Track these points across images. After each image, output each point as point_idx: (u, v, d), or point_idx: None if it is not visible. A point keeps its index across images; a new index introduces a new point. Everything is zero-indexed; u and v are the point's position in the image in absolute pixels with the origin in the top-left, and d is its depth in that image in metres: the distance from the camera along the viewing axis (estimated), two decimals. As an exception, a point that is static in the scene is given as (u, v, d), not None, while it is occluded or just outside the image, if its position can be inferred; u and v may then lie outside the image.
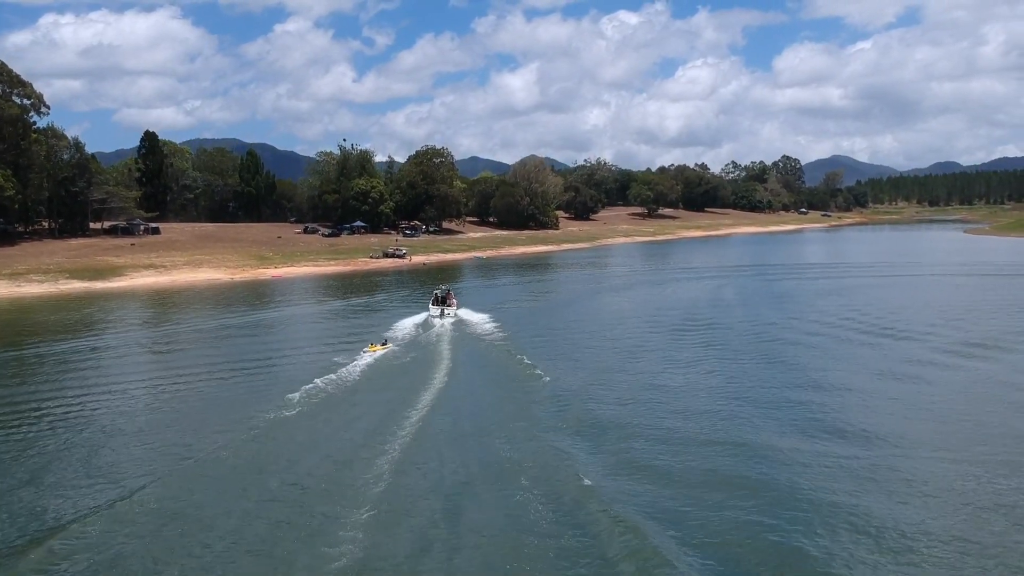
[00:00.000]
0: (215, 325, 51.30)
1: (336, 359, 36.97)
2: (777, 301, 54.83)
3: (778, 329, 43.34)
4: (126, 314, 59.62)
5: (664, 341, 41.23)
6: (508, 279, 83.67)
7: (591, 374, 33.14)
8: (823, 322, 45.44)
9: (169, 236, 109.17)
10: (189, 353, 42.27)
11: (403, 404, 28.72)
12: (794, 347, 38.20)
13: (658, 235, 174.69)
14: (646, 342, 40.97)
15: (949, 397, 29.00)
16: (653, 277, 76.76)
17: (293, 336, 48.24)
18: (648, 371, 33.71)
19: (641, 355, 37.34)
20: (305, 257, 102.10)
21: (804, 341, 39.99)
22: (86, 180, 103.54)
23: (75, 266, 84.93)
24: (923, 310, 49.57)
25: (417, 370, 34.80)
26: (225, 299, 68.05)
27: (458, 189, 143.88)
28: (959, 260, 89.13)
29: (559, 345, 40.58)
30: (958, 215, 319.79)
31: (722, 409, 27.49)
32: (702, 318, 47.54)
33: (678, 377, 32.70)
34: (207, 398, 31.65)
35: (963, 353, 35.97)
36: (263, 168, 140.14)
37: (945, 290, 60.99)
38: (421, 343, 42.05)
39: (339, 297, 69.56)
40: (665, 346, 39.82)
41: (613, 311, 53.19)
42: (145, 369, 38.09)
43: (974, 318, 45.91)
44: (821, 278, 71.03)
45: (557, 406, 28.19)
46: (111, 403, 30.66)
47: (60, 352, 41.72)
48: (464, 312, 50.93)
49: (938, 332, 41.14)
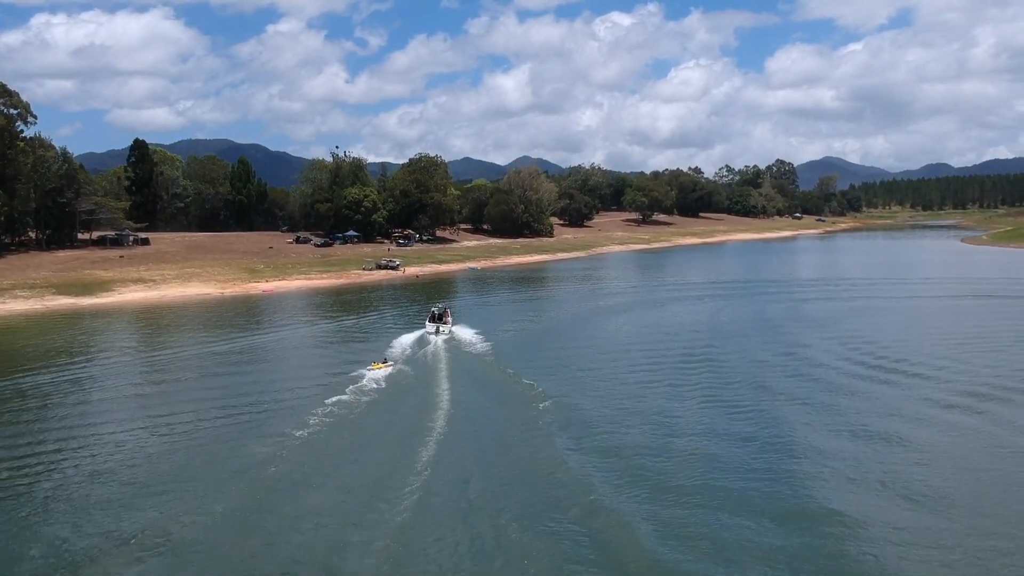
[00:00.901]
0: (206, 352, 49.77)
1: (333, 392, 36.44)
2: (775, 330, 52.42)
3: (779, 366, 41.11)
4: (112, 337, 58.07)
5: (666, 377, 39.80)
6: (503, 295, 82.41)
7: (600, 426, 31.52)
8: (825, 360, 42.54)
9: (159, 247, 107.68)
10: (181, 387, 40.74)
11: (413, 431, 30.98)
12: (797, 389, 36.29)
13: (653, 243, 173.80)
14: (651, 379, 39.52)
15: (969, 452, 27.59)
16: (650, 296, 75.30)
17: (288, 364, 46.95)
18: (661, 422, 32.25)
19: (648, 397, 35.77)
20: (297, 269, 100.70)
21: (806, 381, 37.88)
22: (74, 190, 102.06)
23: (62, 280, 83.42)
24: (929, 342, 47.52)
25: (421, 392, 37.13)
26: (215, 318, 66.62)
27: (452, 197, 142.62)
28: (959, 275, 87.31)
29: (561, 380, 39.33)
30: (951, 219, 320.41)
31: (734, 462, 26.40)
32: (702, 351, 45.67)
33: (684, 422, 31.56)
34: (203, 439, 30.65)
35: (980, 395, 34.05)
36: (254, 176, 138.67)
37: (951, 317, 58.71)
38: (420, 363, 43.99)
39: (332, 316, 68.16)
40: (667, 384, 38.48)
41: (613, 340, 51.75)
42: (133, 406, 36.68)
43: (985, 353, 43.79)
44: (819, 299, 68.93)
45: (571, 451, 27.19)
46: (97, 451, 29.30)
47: (41, 386, 40.22)
48: (460, 330, 52.15)
49: (950, 370, 39.36)
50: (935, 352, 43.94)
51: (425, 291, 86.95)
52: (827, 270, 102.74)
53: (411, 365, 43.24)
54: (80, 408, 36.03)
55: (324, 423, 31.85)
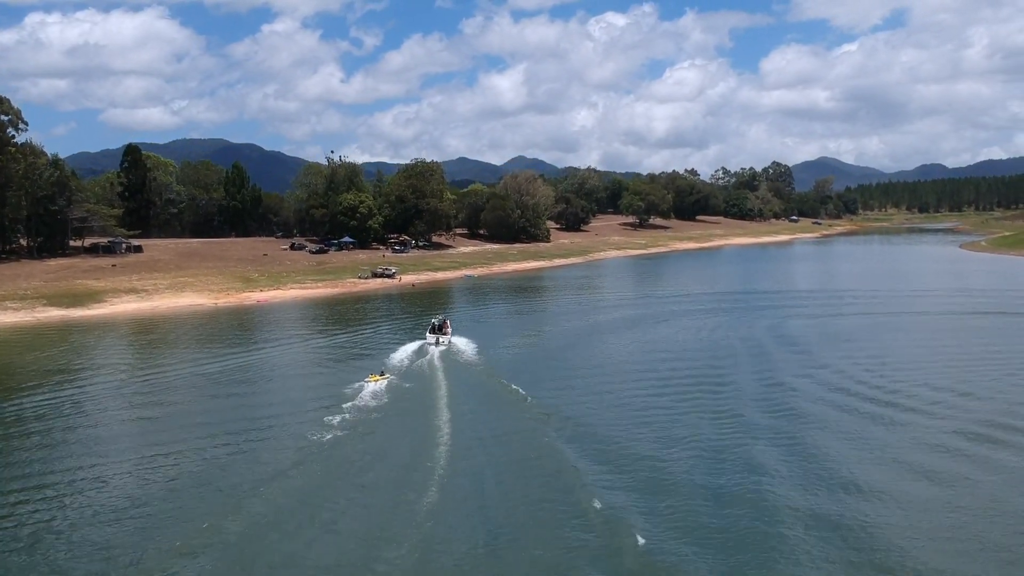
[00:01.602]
0: (199, 373, 48.53)
1: (331, 412, 36.60)
2: (777, 352, 50.24)
3: (783, 395, 39.45)
4: (102, 355, 56.86)
5: (669, 403, 38.81)
6: (501, 307, 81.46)
7: (612, 456, 30.77)
8: (830, 390, 40.47)
9: (151, 255, 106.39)
10: (174, 412, 39.57)
11: (416, 450, 31.88)
12: (801, 422, 34.86)
13: (650, 248, 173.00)
14: (654, 403, 38.62)
15: (993, 494, 26.52)
16: (648, 310, 73.87)
17: (283, 385, 45.96)
18: (662, 450, 31.50)
19: (652, 424, 34.86)
20: (291, 278, 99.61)
21: (811, 413, 36.17)
22: (66, 198, 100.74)
23: (53, 291, 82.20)
24: (939, 366, 45.62)
25: (423, 410, 37.89)
26: (208, 333, 65.56)
27: (448, 203, 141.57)
28: (960, 287, 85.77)
29: (567, 402, 38.65)
30: (948, 222, 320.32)
31: (738, 505, 25.56)
32: (704, 374, 44.11)
33: (684, 448, 30.84)
34: (200, 467, 30.10)
35: (995, 437, 32.21)
36: (249, 181, 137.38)
37: (958, 337, 56.39)
38: (420, 376, 45.43)
39: (326, 330, 67.07)
40: (669, 410, 37.56)
41: (614, 361, 50.40)
42: (125, 435, 35.80)
43: (998, 379, 42.06)
44: (820, 315, 67.06)
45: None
46: (85, 486, 28.31)
47: (27, 411, 39.14)
48: (460, 345, 53.52)
49: (963, 399, 37.77)
50: (946, 379, 42.30)
51: (421, 301, 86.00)
52: (826, 280, 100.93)
53: (412, 378, 44.59)
54: (68, 436, 34.89)
55: (323, 445, 32.35)
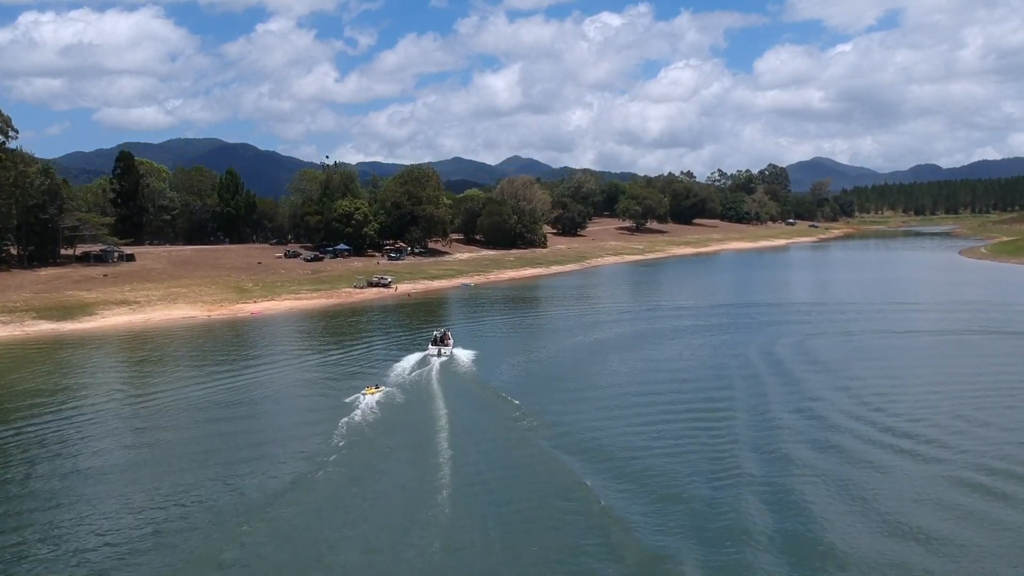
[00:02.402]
0: (190, 394, 47.16)
1: (328, 435, 36.59)
2: (779, 378, 47.93)
3: (786, 428, 37.44)
4: (91, 375, 55.36)
5: (671, 431, 37.75)
6: (498, 321, 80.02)
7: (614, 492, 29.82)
8: (836, 422, 38.39)
9: (144, 263, 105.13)
10: (164, 440, 38.26)
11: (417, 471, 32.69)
12: (802, 461, 32.79)
13: (647, 253, 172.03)
14: (657, 430, 37.62)
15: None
16: (646, 325, 71.44)
17: (277, 406, 44.88)
18: (665, 483, 30.50)
19: (655, 454, 34.00)
20: (286, 288, 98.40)
21: (815, 449, 34.24)
22: (57, 206, 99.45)
23: (43, 303, 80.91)
24: (950, 396, 43.00)
25: (424, 424, 36.72)
26: (202, 348, 64.30)
27: (444, 209, 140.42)
28: (963, 299, 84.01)
29: (573, 430, 37.72)
30: (945, 225, 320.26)
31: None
32: (699, 404, 42.38)
33: (689, 479, 29.72)
34: (197, 502, 29.08)
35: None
36: (243, 187, 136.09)
37: (966, 360, 53.24)
38: (421, 389, 46.74)
39: (321, 346, 65.70)
40: (670, 439, 36.47)
41: (613, 382, 49.01)
42: (114, 466, 34.35)
43: (1013, 410, 40.21)
44: (822, 333, 64.50)
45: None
46: (67, 526, 27.12)
47: (9, 441, 37.68)
48: (459, 359, 54.85)
49: (978, 437, 35.65)
50: (960, 409, 40.07)
51: (417, 314, 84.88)
52: (827, 292, 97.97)
53: (413, 390, 46.14)
54: (54, 468, 33.61)
55: (322, 463, 33.18)
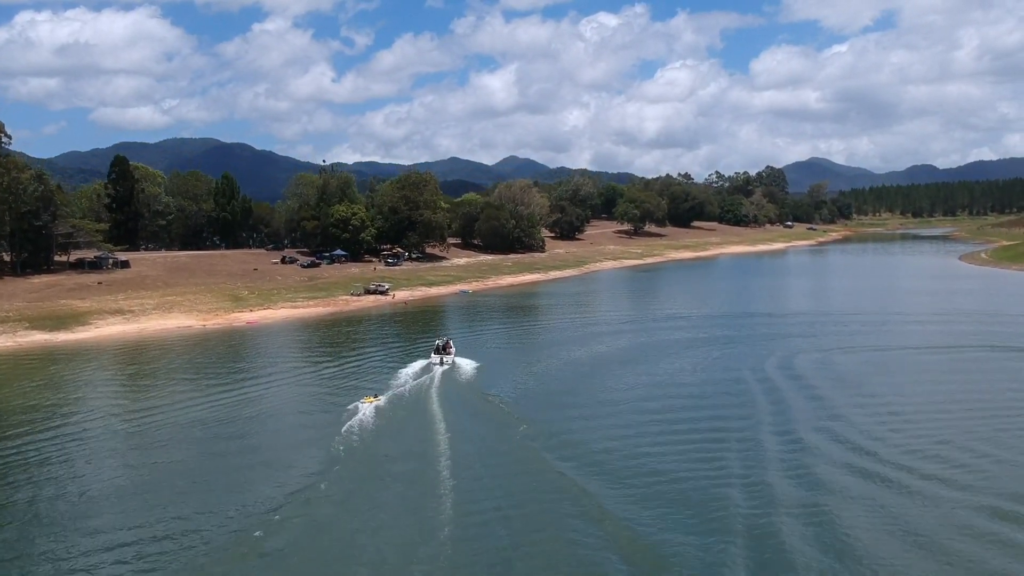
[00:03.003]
0: (185, 410, 46.23)
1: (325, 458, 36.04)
2: (784, 401, 46.06)
3: (796, 458, 36.03)
4: (83, 390, 54.30)
5: (677, 454, 37.20)
6: (496, 331, 79.24)
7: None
8: (845, 452, 36.82)
9: (139, 270, 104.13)
10: (158, 463, 37.33)
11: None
12: (810, 497, 31.42)
13: (646, 257, 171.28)
14: (663, 452, 36.97)
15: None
16: (646, 337, 69.08)
17: (274, 424, 44.23)
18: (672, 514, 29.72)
19: (663, 482, 33.29)
20: (282, 295, 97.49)
21: (824, 485, 32.64)
22: (51, 213, 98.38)
23: (36, 313, 79.95)
24: (961, 422, 41.22)
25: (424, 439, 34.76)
26: (197, 361, 63.37)
27: (442, 214, 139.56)
28: (968, 309, 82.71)
29: (575, 450, 37.06)
30: (943, 227, 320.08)
31: None
32: (707, 420, 42.18)
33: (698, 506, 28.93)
34: (190, 527, 27.55)
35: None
36: (239, 192, 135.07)
37: (976, 380, 50.86)
38: (421, 400, 47.98)
39: (319, 357, 64.69)
40: (676, 463, 35.85)
41: (613, 399, 48.31)
42: (107, 491, 33.45)
43: None
44: (826, 349, 62.11)
45: None
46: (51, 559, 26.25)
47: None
48: (460, 362, 57.17)
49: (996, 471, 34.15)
50: (975, 438, 38.30)
51: (415, 323, 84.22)
52: (828, 302, 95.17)
53: (415, 398, 47.84)
54: (37, 493, 32.79)
55: (321, 478, 33.88)
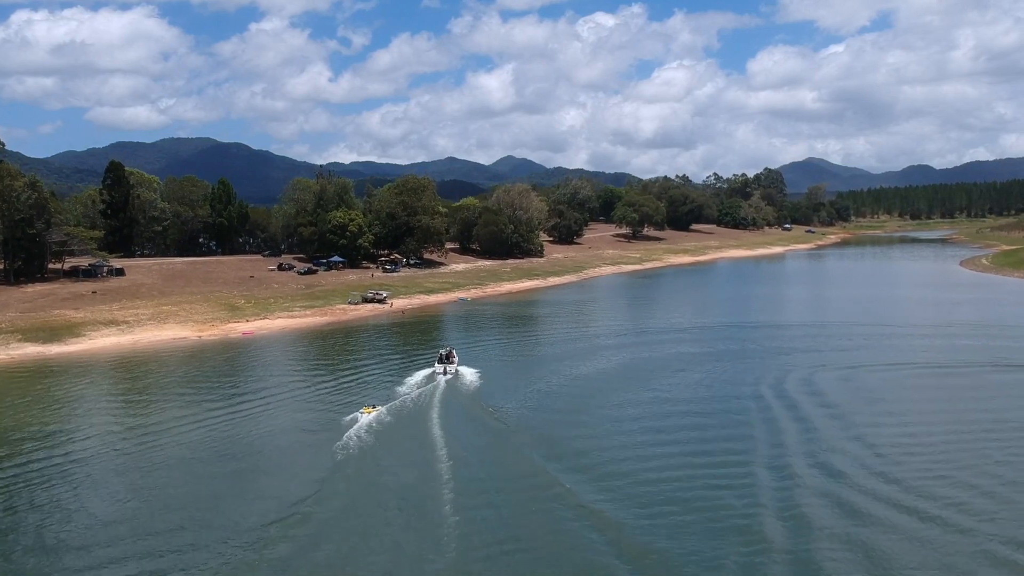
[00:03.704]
0: (179, 437, 45.05)
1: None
2: (789, 425, 44.59)
3: (806, 487, 35.31)
4: (75, 408, 53.36)
5: (682, 483, 36.39)
6: (496, 342, 78.25)
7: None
8: (853, 487, 35.16)
9: (134, 278, 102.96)
10: (150, 494, 36.32)
11: None
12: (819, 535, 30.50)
13: (645, 262, 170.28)
14: (669, 478, 36.10)
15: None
16: (648, 352, 67.76)
17: (272, 449, 43.08)
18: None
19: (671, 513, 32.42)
20: (279, 304, 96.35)
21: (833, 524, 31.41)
22: (44, 220, 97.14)
23: (29, 324, 78.84)
24: (968, 451, 39.80)
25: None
26: (192, 376, 62.45)
27: (440, 219, 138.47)
28: (973, 320, 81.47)
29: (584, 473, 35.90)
30: (941, 230, 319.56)
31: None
32: (711, 442, 41.89)
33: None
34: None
35: None
36: (235, 197, 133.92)
37: (987, 404, 48.86)
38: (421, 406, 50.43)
39: (315, 373, 63.58)
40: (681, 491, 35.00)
41: (618, 419, 47.66)
42: (99, 517, 32.49)
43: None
44: (827, 365, 60.29)
45: None
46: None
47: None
48: (464, 371, 59.20)
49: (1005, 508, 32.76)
50: (984, 467, 37.42)
51: (413, 333, 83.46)
52: (830, 312, 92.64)
53: (418, 406, 49.78)
54: (19, 522, 31.76)
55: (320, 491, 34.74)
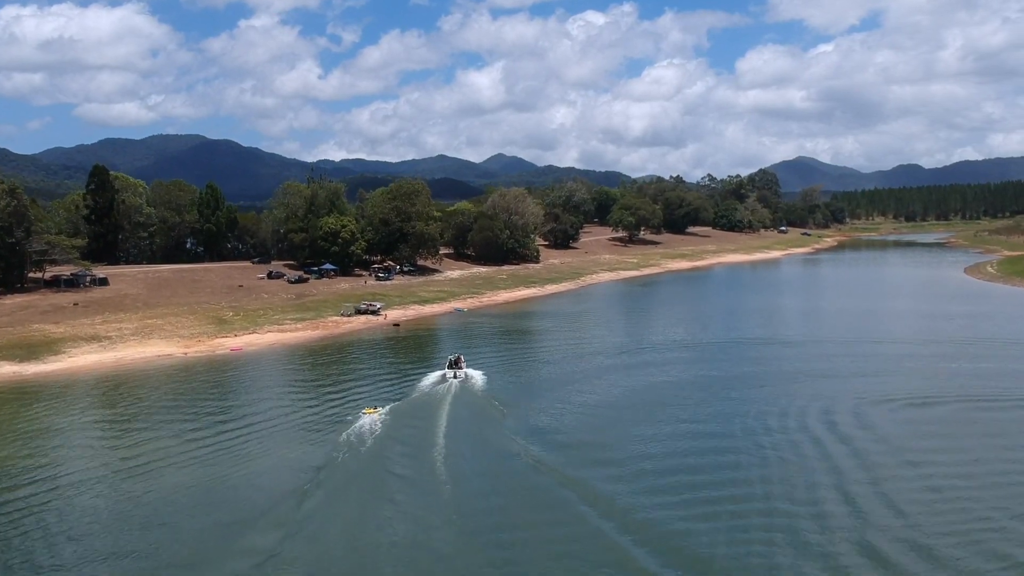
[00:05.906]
0: (162, 480, 41.93)
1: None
2: (794, 459, 42.20)
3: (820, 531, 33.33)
4: (48, 438, 49.98)
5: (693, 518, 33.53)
6: (493, 358, 74.94)
7: None
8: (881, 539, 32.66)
9: (118, 288, 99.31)
10: (132, 545, 33.37)
11: None
12: None
13: (642, 268, 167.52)
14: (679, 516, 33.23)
15: None
16: (648, 377, 63.61)
17: (255, 493, 39.82)
18: None
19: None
20: (269, 316, 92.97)
21: None
22: (24, 229, 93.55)
23: (6, 340, 75.31)
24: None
25: None
26: (176, 400, 59.16)
27: (435, 225, 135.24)
28: (987, 336, 78.27)
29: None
30: (937, 232, 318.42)
31: None
32: (718, 470, 40.46)
33: None
34: None
35: None
36: (224, 202, 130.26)
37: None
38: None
39: (307, 398, 60.38)
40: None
41: (620, 445, 45.21)
42: None
43: None
44: (834, 396, 55.64)
45: None
46: None
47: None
48: (472, 374, 61.86)
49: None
50: None
51: (408, 349, 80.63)
52: (835, 328, 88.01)
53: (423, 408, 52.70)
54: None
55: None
